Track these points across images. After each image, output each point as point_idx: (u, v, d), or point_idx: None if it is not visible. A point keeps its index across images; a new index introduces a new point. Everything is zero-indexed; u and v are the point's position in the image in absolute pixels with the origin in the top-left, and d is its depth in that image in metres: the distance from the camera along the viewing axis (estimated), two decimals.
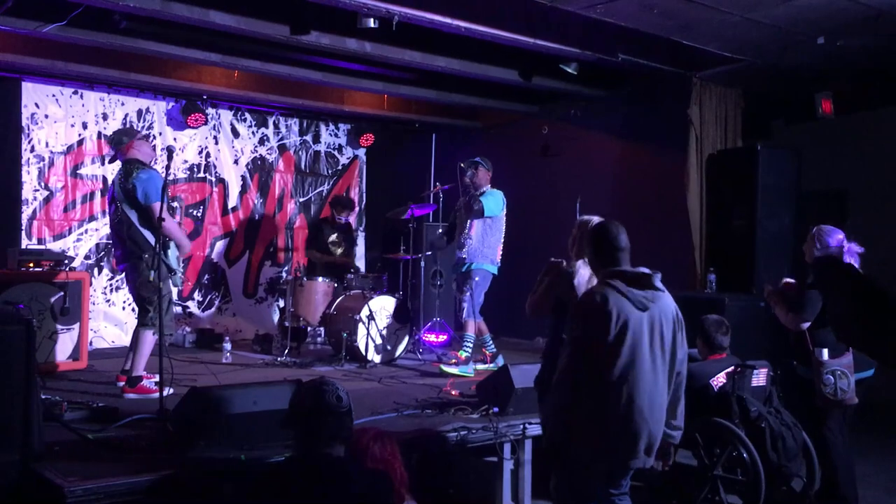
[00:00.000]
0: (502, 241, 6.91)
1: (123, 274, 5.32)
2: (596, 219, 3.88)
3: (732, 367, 4.66)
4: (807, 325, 4.67)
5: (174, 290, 5.58)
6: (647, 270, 3.54)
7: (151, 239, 5.26)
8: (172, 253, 5.46)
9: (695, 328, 4.96)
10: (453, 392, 5.66)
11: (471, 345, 6.71)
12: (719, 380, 4.65)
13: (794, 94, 7.42)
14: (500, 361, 6.62)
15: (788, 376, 5.03)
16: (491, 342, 6.97)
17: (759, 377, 4.76)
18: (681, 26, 6.03)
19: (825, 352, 4.60)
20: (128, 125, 8.17)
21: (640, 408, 3.37)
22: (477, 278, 6.73)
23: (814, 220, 6.88)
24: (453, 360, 6.64)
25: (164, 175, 5.21)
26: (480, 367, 6.64)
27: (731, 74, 7.15)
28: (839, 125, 7.35)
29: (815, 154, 7.31)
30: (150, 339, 5.38)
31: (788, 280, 5.07)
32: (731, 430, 4.46)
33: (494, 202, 6.81)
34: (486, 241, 6.78)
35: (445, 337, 8.14)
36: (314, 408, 2.89)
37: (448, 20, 5.97)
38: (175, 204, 5.96)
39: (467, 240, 6.81)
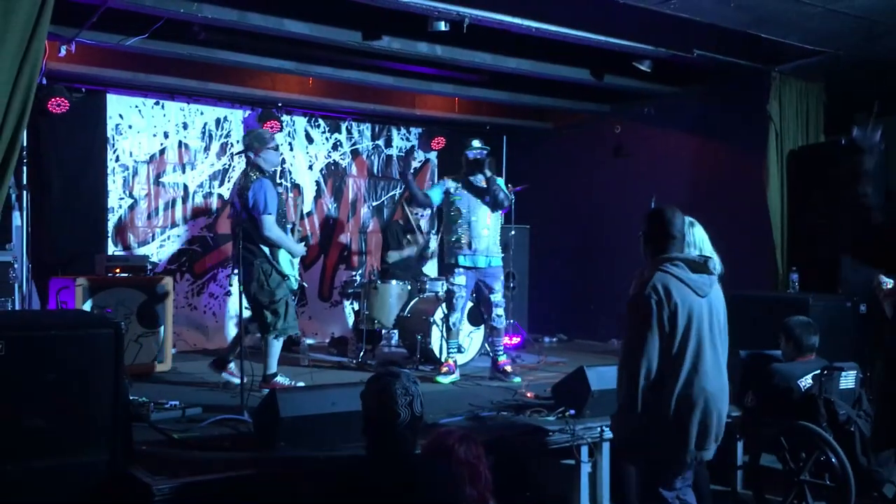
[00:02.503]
0: None
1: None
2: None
3: (819, 370, 4.51)
4: None
5: (288, 292, 5.79)
6: (701, 257, 3.53)
7: (264, 245, 5.57)
8: (284, 258, 5.66)
9: (776, 330, 4.85)
10: (528, 394, 5.63)
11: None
12: (805, 382, 4.51)
13: (879, 86, 7.13)
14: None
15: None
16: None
17: (848, 379, 4.60)
18: (759, 19, 5.87)
19: None
20: (207, 134, 8.40)
21: (712, 395, 3.37)
22: (502, 278, 6.52)
23: None
24: (509, 369, 6.50)
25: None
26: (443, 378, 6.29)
27: (813, 67, 6.92)
28: None
29: None
30: (272, 343, 5.68)
31: (887, 280, 4.89)
32: (819, 434, 4.31)
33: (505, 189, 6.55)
34: (498, 233, 6.50)
35: (519, 339, 8.11)
36: (377, 417, 2.88)
37: (518, 21, 5.95)
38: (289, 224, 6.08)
39: (482, 230, 6.38)
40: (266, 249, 5.59)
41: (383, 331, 7.82)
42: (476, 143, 6.59)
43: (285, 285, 5.68)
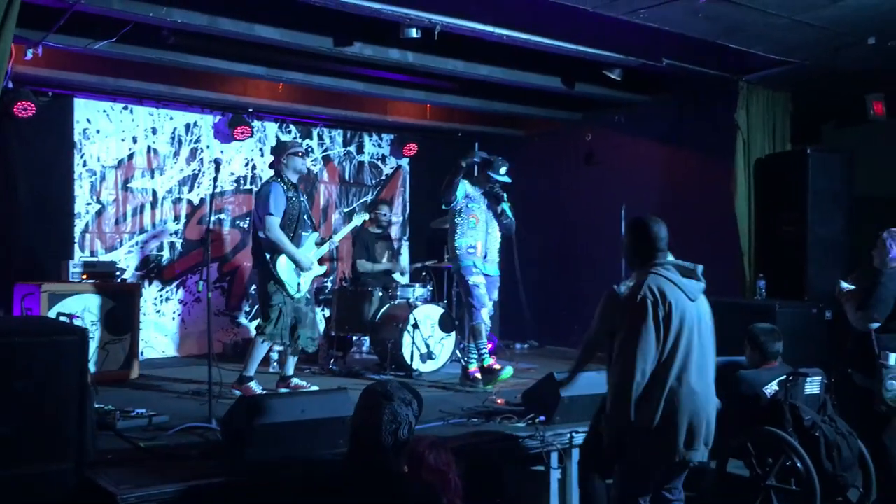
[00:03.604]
0: None
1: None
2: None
3: (785, 376, 4.57)
4: (876, 325, 4.59)
5: (291, 301, 5.78)
6: (690, 264, 3.57)
7: (266, 249, 5.67)
8: (282, 265, 5.68)
9: (742, 336, 4.89)
10: (499, 400, 5.63)
11: None
12: (771, 388, 4.56)
13: (844, 96, 7.26)
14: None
15: (843, 384, 4.92)
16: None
17: (813, 385, 4.65)
18: (727, 29, 5.95)
19: (892, 356, 4.52)
20: (176, 139, 8.34)
21: (700, 397, 3.41)
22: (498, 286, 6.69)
23: (867, 225, 6.74)
24: (479, 376, 6.47)
25: (212, 187, 5.41)
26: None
27: (779, 77, 7.03)
28: (892, 127, 7.18)
29: (868, 157, 7.15)
30: (259, 345, 5.72)
31: (847, 286, 4.98)
32: (785, 439, 4.36)
33: None
34: None
35: (490, 345, 8.10)
36: (360, 435, 2.85)
37: (490, 29, 5.98)
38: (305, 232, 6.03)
39: (494, 242, 6.57)
40: (267, 254, 5.63)
41: (354, 337, 7.79)
42: (503, 169, 6.54)
43: (282, 292, 5.68)
